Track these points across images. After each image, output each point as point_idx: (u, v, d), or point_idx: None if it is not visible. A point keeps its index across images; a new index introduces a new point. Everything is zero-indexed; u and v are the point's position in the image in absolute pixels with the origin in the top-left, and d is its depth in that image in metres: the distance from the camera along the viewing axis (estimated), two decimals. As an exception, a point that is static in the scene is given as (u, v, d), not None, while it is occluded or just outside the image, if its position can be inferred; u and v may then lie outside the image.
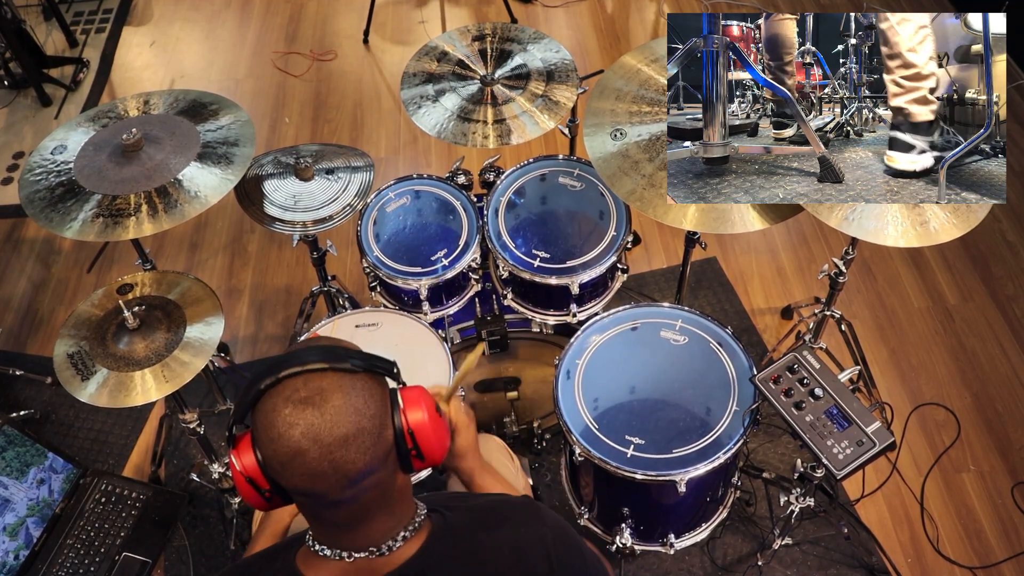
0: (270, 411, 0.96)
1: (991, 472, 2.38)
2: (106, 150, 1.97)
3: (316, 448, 0.94)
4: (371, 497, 1.02)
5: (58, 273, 3.07)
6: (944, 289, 2.81)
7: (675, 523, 1.98)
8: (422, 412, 1.04)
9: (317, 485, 0.97)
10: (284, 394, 0.96)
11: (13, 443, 2.05)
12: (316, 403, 0.95)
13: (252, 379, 0.99)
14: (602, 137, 1.90)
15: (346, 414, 0.95)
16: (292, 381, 0.97)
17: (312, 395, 0.95)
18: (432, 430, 1.04)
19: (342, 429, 0.95)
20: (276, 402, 0.96)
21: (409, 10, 4.10)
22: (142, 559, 2.11)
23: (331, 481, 0.96)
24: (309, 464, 0.95)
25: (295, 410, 0.95)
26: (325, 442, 0.94)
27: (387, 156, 3.40)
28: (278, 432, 0.95)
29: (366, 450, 0.97)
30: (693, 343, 1.94)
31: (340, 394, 0.96)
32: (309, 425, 0.94)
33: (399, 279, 2.12)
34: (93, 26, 4.10)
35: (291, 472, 0.96)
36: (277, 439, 0.95)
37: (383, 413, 1.00)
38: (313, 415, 0.94)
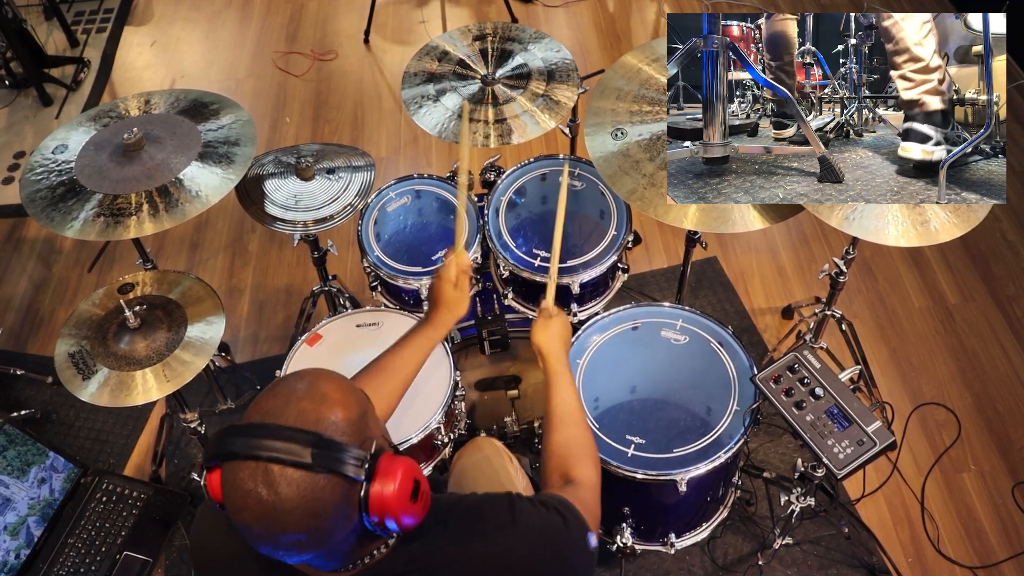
0: (232, 479, 0.95)
1: (992, 472, 2.38)
2: (107, 150, 1.97)
3: (266, 534, 0.95)
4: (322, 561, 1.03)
5: (59, 272, 3.07)
6: (944, 289, 2.81)
7: (676, 523, 1.98)
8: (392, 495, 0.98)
9: (267, 551, 0.98)
10: (247, 470, 0.94)
11: (14, 442, 2.05)
12: (271, 493, 0.92)
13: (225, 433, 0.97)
14: (603, 137, 1.90)
15: (301, 515, 0.93)
16: (252, 464, 0.94)
17: (273, 483, 0.93)
18: (401, 511, 0.99)
19: (294, 527, 0.94)
20: (240, 474, 0.94)
21: (410, 10, 4.10)
22: (143, 558, 2.12)
23: (279, 554, 0.98)
24: (258, 541, 0.96)
25: (252, 492, 0.93)
26: (275, 531, 0.94)
27: (388, 156, 3.40)
28: (235, 504, 0.95)
29: (316, 545, 0.97)
30: (694, 343, 1.94)
31: (297, 491, 0.93)
32: (263, 513, 0.93)
33: (400, 279, 2.12)
34: (94, 26, 4.10)
35: (243, 535, 0.97)
36: (234, 510, 0.95)
37: (344, 508, 0.97)
38: (268, 504, 0.93)
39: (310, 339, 2.01)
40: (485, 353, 2.22)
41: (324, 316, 2.14)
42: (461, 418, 2.04)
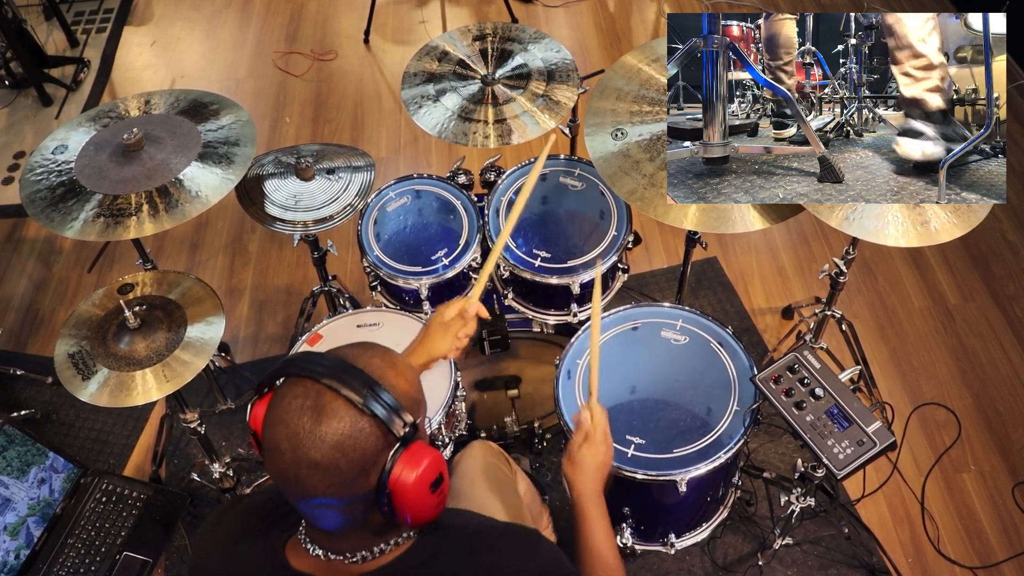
0: (280, 397, 1.00)
1: (992, 472, 2.38)
2: (107, 150, 1.97)
3: (291, 455, 0.96)
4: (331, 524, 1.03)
5: (59, 273, 3.07)
6: (945, 289, 2.81)
7: (676, 523, 1.98)
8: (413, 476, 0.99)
9: (279, 481, 1.00)
10: (296, 389, 0.98)
11: (14, 443, 2.05)
12: (311, 416, 0.96)
13: (295, 357, 1.02)
14: (603, 137, 1.90)
15: (328, 443, 0.95)
16: (308, 383, 0.98)
17: (316, 407, 0.96)
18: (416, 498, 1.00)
19: (317, 455, 0.95)
20: (287, 392, 0.99)
21: (410, 10, 4.10)
22: (143, 559, 2.11)
23: (291, 489, 0.99)
24: (278, 463, 0.98)
25: (295, 411, 0.97)
26: (299, 455, 0.96)
27: (388, 156, 3.40)
28: (275, 418, 0.99)
29: (329, 485, 0.97)
30: (694, 343, 1.94)
31: (336, 423, 0.96)
32: (295, 432, 0.96)
33: (400, 279, 2.12)
34: (94, 26, 4.10)
35: (267, 458, 1.00)
36: (271, 424, 0.99)
37: (367, 462, 0.98)
38: (305, 425, 0.96)
39: (310, 339, 2.01)
40: (485, 353, 2.22)
41: (324, 316, 2.14)
42: (461, 418, 2.04)
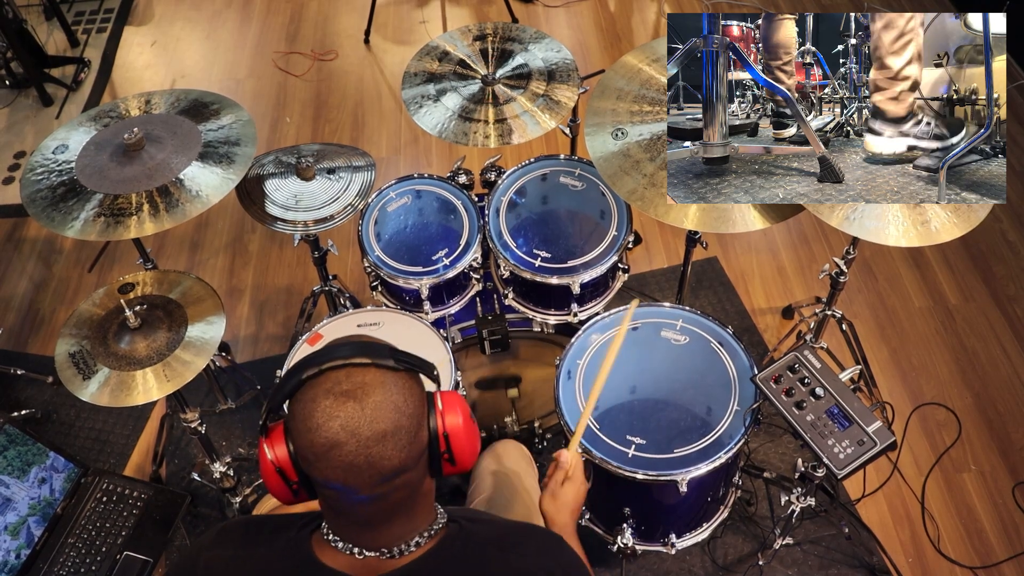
0: (309, 401, 0.97)
1: (992, 472, 2.38)
2: (107, 150, 1.97)
3: (354, 441, 0.95)
4: (398, 497, 1.03)
5: (59, 272, 3.07)
6: (945, 289, 2.81)
7: (676, 523, 1.98)
8: (458, 416, 1.04)
9: (350, 479, 0.97)
10: (325, 386, 0.97)
11: (14, 442, 2.05)
12: (357, 397, 0.96)
13: (293, 369, 1.00)
14: (603, 137, 1.90)
15: (386, 410, 0.96)
16: (335, 374, 0.97)
17: (354, 389, 0.96)
18: (466, 435, 1.05)
19: (381, 425, 0.96)
20: (316, 393, 0.97)
21: (410, 10, 4.10)
22: (143, 558, 2.11)
23: (364, 476, 0.97)
24: (345, 457, 0.95)
25: (336, 402, 0.95)
26: (363, 436, 0.95)
27: (388, 156, 3.40)
28: (316, 423, 0.95)
29: (402, 448, 0.98)
30: (694, 343, 1.94)
31: (381, 390, 0.97)
32: (349, 418, 0.95)
33: (400, 278, 2.12)
34: (94, 26, 4.11)
35: (325, 464, 0.97)
36: (315, 430, 0.96)
37: (420, 413, 1.01)
38: (353, 408, 0.95)
39: (311, 339, 2.01)
40: (485, 353, 2.21)
41: (324, 316, 2.14)
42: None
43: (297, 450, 1.00)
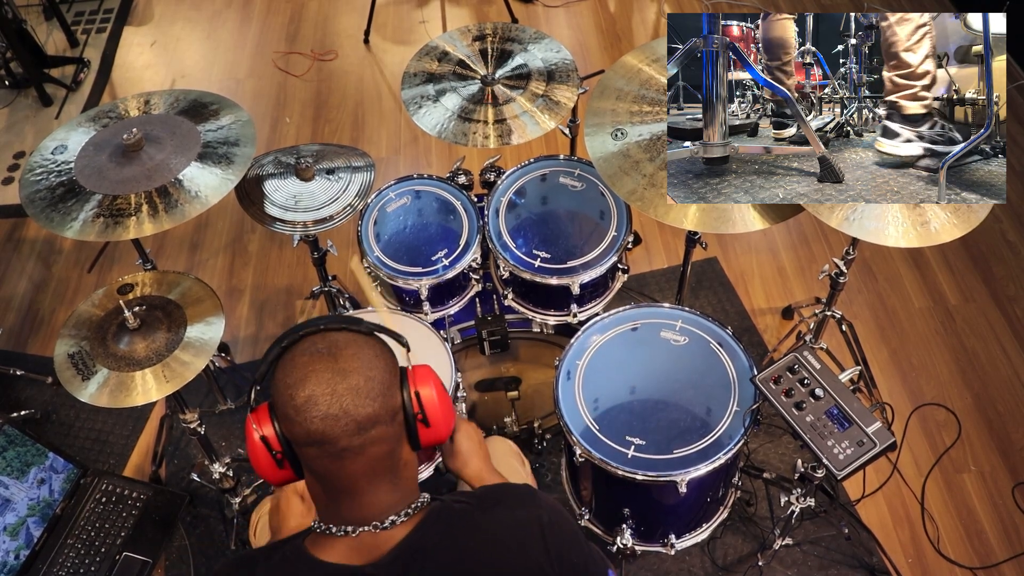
0: (288, 362, 1.06)
1: (992, 472, 2.38)
2: (107, 150, 1.97)
3: (328, 391, 1.02)
4: (377, 454, 1.07)
5: (59, 273, 3.07)
6: (945, 289, 2.81)
7: (676, 523, 1.98)
8: (428, 381, 1.13)
9: (328, 428, 1.02)
10: (303, 347, 1.06)
11: (14, 443, 2.05)
12: (332, 353, 1.04)
13: (275, 342, 1.09)
14: (603, 137, 1.90)
15: (358, 363, 1.04)
16: (311, 336, 1.07)
17: (328, 346, 1.05)
18: (439, 397, 1.13)
19: (353, 377, 1.03)
20: (295, 354, 1.06)
21: (410, 10, 4.10)
22: (143, 559, 2.11)
23: (341, 424, 1.02)
24: (321, 407, 1.02)
25: (312, 359, 1.04)
26: (337, 387, 1.02)
27: (388, 156, 3.40)
28: (295, 379, 1.03)
29: (375, 397, 1.04)
30: (693, 343, 1.94)
31: (354, 347, 1.06)
32: (324, 371, 1.03)
33: (400, 279, 2.12)
34: (94, 26, 4.10)
35: (304, 417, 1.02)
36: (293, 385, 1.03)
37: (391, 370, 1.09)
38: (328, 363, 1.03)
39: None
40: (485, 354, 2.21)
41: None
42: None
43: (278, 411, 1.06)
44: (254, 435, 1.09)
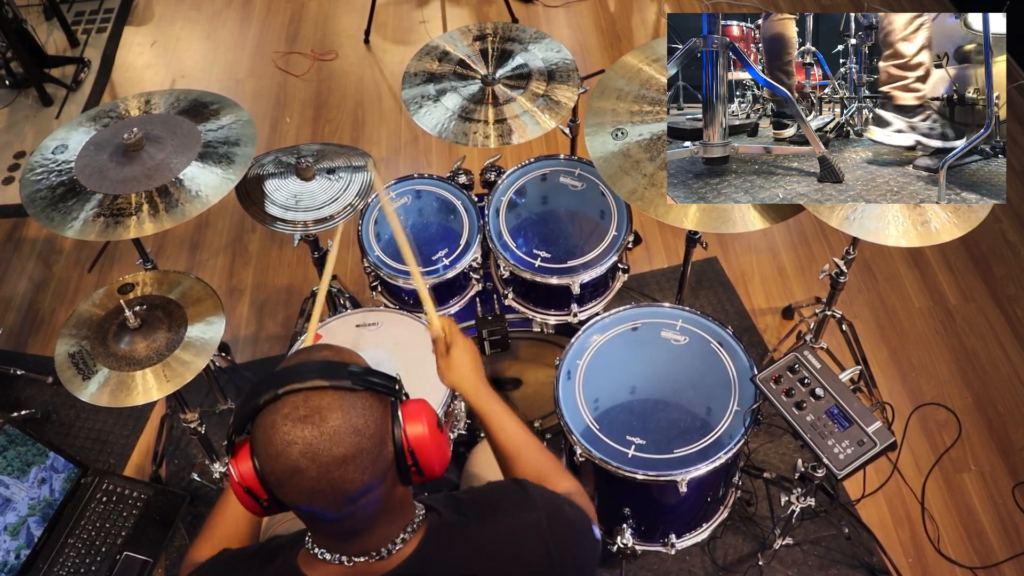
0: (269, 427, 0.96)
1: (992, 472, 2.38)
2: (107, 150, 1.97)
3: (314, 467, 0.94)
4: (372, 511, 1.02)
5: (59, 273, 3.07)
6: (945, 289, 2.81)
7: (676, 523, 1.98)
8: (422, 427, 1.02)
9: (315, 502, 0.97)
10: (283, 411, 0.95)
11: (14, 442, 2.05)
12: (315, 422, 0.94)
13: (252, 391, 0.98)
14: (603, 137, 1.90)
15: (345, 434, 0.95)
16: (292, 398, 0.96)
17: (311, 414, 0.94)
18: (433, 444, 1.02)
19: (341, 449, 0.94)
20: (275, 418, 0.96)
21: (410, 10, 4.10)
22: (143, 558, 2.11)
23: (329, 499, 0.97)
24: (307, 482, 0.95)
25: (294, 428, 0.94)
26: (323, 461, 0.94)
27: (388, 156, 3.40)
28: (276, 450, 0.95)
29: (364, 469, 0.96)
30: (694, 343, 1.94)
31: (340, 413, 0.95)
32: (308, 444, 0.94)
33: (400, 279, 2.12)
34: (94, 26, 4.10)
35: (289, 489, 0.96)
36: (275, 456, 0.95)
37: (382, 431, 0.99)
38: (312, 434, 0.94)
39: (310, 339, 2.01)
40: (485, 353, 2.21)
41: (324, 316, 2.14)
42: (460, 418, 2.04)
43: (262, 473, 0.99)
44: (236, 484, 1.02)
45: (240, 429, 1.01)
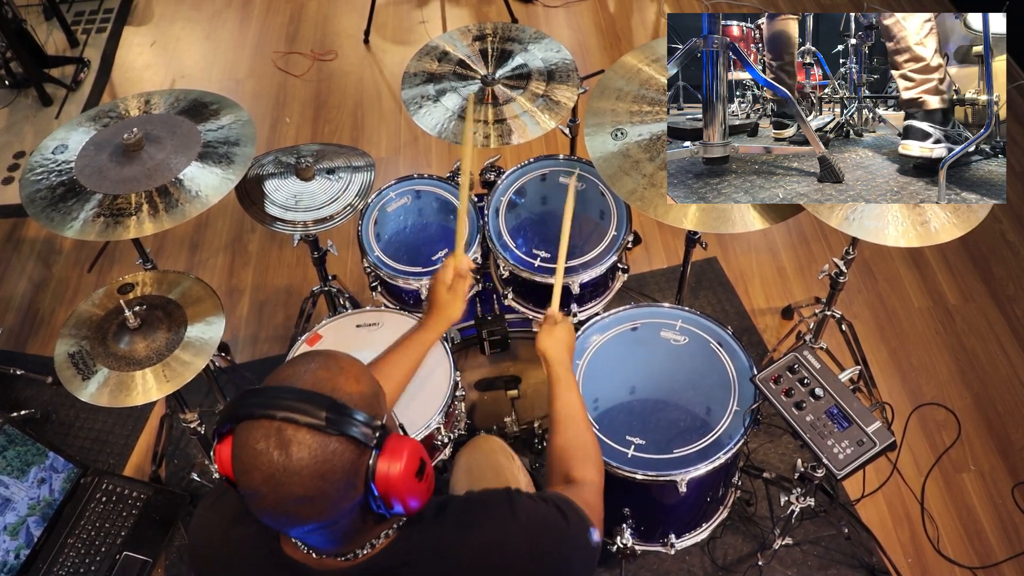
0: (243, 443, 0.96)
1: (991, 472, 2.38)
2: (107, 150, 1.97)
3: (273, 496, 0.95)
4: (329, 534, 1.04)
5: (59, 273, 3.07)
6: (944, 289, 2.81)
7: (676, 523, 1.98)
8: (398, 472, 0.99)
9: (274, 521, 0.98)
10: (260, 430, 0.95)
11: (14, 442, 2.05)
12: (283, 454, 0.93)
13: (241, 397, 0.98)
14: (603, 137, 1.90)
15: (309, 476, 0.94)
16: (272, 424, 0.95)
17: (281, 445, 0.94)
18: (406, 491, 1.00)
19: (301, 490, 0.94)
20: (251, 435, 0.95)
21: (410, 10, 4.10)
22: (143, 558, 2.12)
23: (284, 523, 0.98)
24: (265, 505, 0.96)
25: (261, 453, 0.94)
26: (282, 494, 0.94)
27: (388, 156, 3.40)
28: (244, 466, 0.96)
29: (320, 512, 0.97)
30: (693, 343, 1.94)
31: (307, 453, 0.93)
32: (271, 474, 0.94)
33: (400, 279, 2.12)
34: (94, 26, 4.10)
35: (250, 502, 0.97)
36: (242, 472, 0.96)
37: (350, 476, 0.97)
38: (277, 465, 0.93)
39: (310, 339, 2.01)
40: (485, 353, 2.22)
41: (324, 316, 2.14)
42: (461, 418, 2.04)
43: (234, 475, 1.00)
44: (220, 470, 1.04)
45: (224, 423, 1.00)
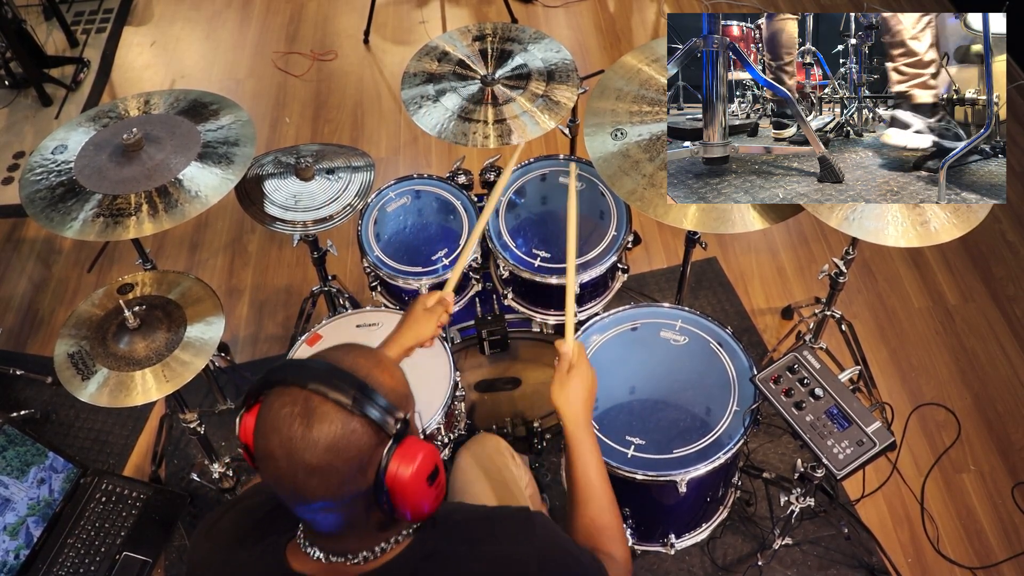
0: (269, 406, 1.00)
1: (991, 472, 2.38)
2: (107, 150, 1.97)
3: (285, 462, 0.97)
4: (331, 522, 1.04)
5: (58, 273, 3.07)
6: (944, 289, 2.81)
7: (675, 523, 1.98)
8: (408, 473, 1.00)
9: (277, 489, 1.01)
10: (285, 398, 0.98)
11: (14, 442, 2.05)
12: (303, 423, 0.96)
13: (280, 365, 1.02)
14: (603, 137, 1.90)
15: (323, 447, 0.96)
16: (295, 391, 0.98)
17: (304, 414, 0.96)
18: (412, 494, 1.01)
19: (313, 459, 0.96)
20: (281, 398, 0.99)
21: (409, 10, 4.10)
22: (142, 559, 2.11)
23: (288, 494, 1.00)
24: (275, 471, 0.98)
25: (284, 419, 0.97)
26: (294, 461, 0.96)
27: (387, 156, 3.40)
28: (264, 429, 0.99)
29: (328, 487, 0.98)
30: (693, 343, 1.94)
31: (327, 426, 0.96)
32: (288, 439, 0.96)
33: (400, 279, 2.12)
34: (94, 26, 4.10)
35: (261, 467, 1.01)
36: (262, 435, 0.99)
37: (363, 460, 0.99)
38: (295, 432, 0.96)
39: (310, 339, 2.01)
40: (485, 353, 2.21)
41: (324, 316, 2.14)
42: (461, 418, 2.04)
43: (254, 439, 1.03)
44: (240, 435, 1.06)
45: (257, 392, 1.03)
